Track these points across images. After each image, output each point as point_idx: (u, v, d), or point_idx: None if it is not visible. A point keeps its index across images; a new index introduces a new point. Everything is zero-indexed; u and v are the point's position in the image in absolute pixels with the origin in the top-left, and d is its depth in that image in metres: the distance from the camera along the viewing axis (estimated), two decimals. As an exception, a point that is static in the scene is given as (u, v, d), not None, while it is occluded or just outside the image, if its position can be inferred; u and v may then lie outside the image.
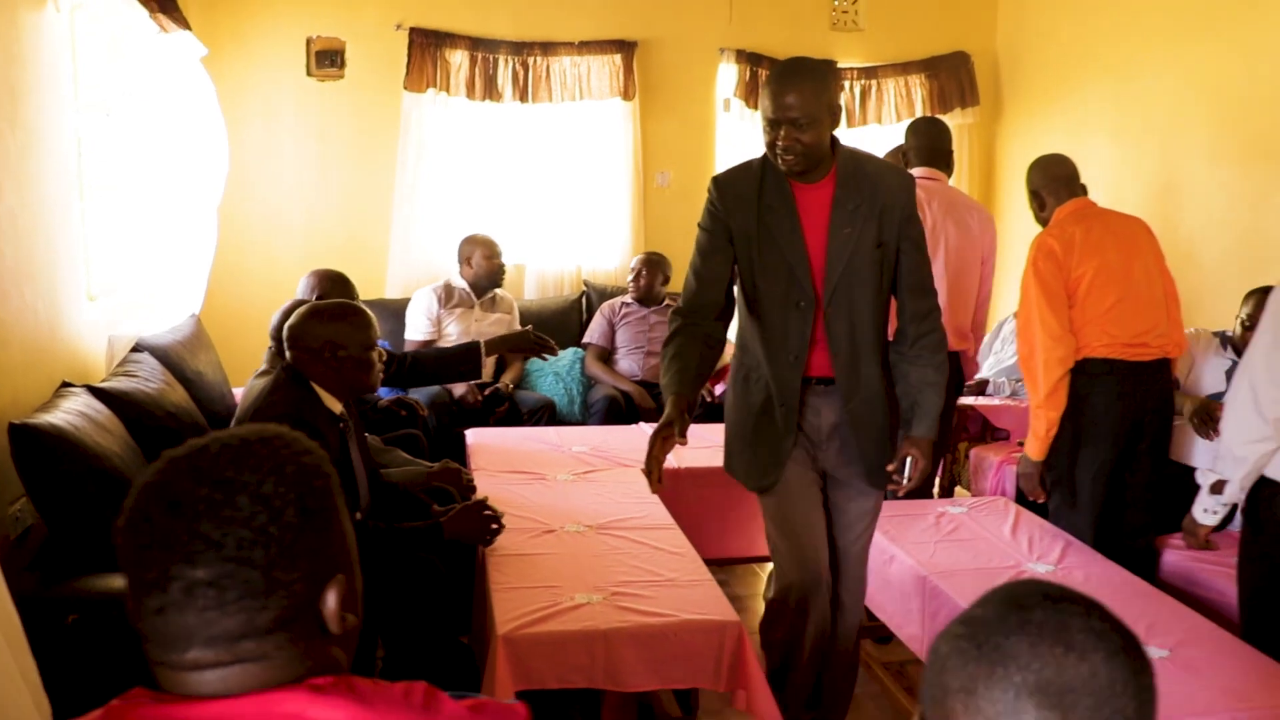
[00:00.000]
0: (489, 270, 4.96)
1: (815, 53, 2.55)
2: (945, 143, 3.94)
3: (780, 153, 2.39)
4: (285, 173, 5.37)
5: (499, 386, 4.69)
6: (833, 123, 2.42)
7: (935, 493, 4.24)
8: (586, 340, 5.15)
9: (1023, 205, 3.50)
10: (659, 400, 2.40)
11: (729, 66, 5.71)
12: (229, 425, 3.16)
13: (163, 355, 3.70)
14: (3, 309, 2.87)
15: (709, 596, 2.54)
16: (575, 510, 3.11)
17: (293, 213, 5.38)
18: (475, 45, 5.43)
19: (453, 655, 2.75)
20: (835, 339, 2.50)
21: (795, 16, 5.80)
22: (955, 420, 4.22)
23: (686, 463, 3.59)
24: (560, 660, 2.32)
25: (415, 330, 4.90)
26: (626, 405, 4.78)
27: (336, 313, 2.74)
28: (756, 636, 2.63)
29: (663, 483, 2.36)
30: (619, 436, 4.03)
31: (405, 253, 5.45)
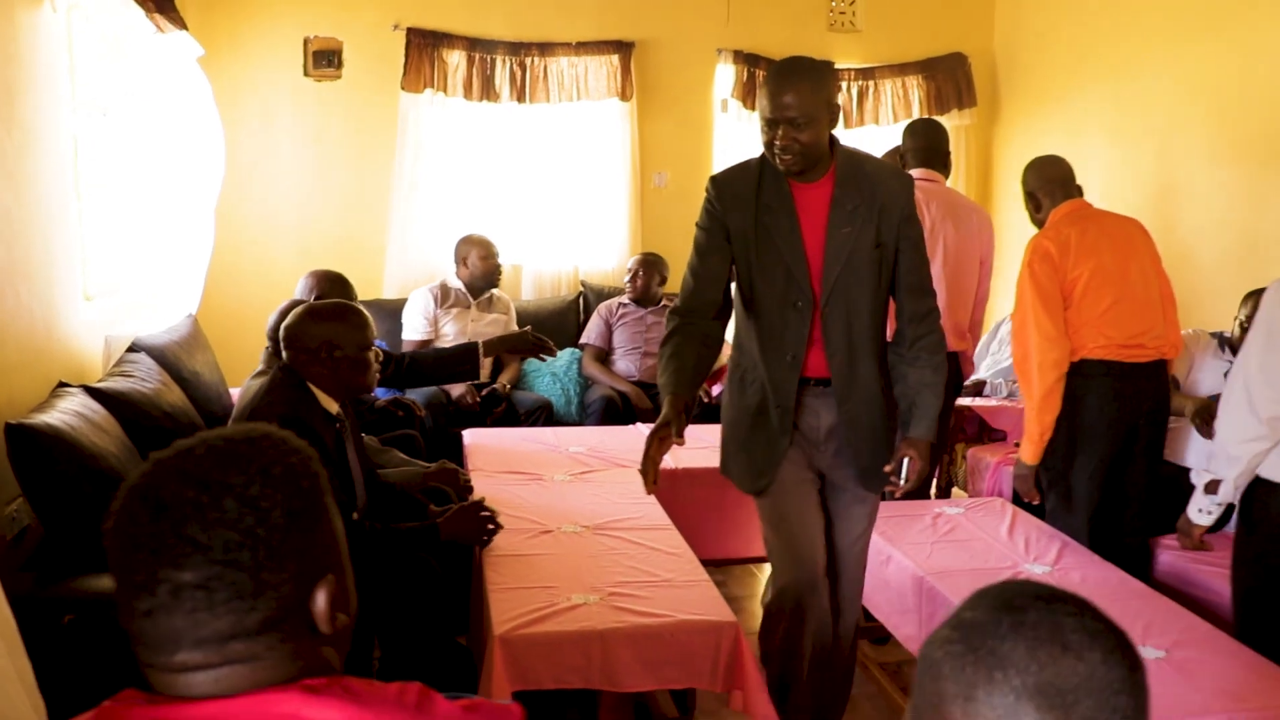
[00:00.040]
0: (485, 271, 4.95)
1: (812, 53, 2.53)
2: (943, 144, 3.95)
3: (778, 152, 2.38)
4: (282, 173, 5.36)
5: (496, 387, 4.69)
6: (831, 122, 2.40)
7: (933, 494, 4.24)
8: (584, 341, 5.15)
9: (1020, 206, 3.50)
10: (656, 401, 2.38)
11: (726, 67, 5.71)
12: (225, 425, 3.16)
13: (159, 355, 3.70)
14: (-1, 309, 2.87)
15: (705, 597, 2.54)
16: (572, 511, 3.11)
17: (290, 213, 5.38)
18: (473, 45, 5.43)
19: (450, 656, 2.75)
20: (832, 339, 2.48)
21: (793, 17, 5.80)
22: (952, 421, 4.22)
23: (684, 463, 3.58)
24: (557, 661, 2.32)
25: (412, 330, 4.89)
26: (624, 406, 4.78)
27: (333, 313, 2.74)
28: (753, 637, 2.62)
29: (658, 484, 2.34)
30: (616, 437, 4.04)
31: (402, 253, 5.45)
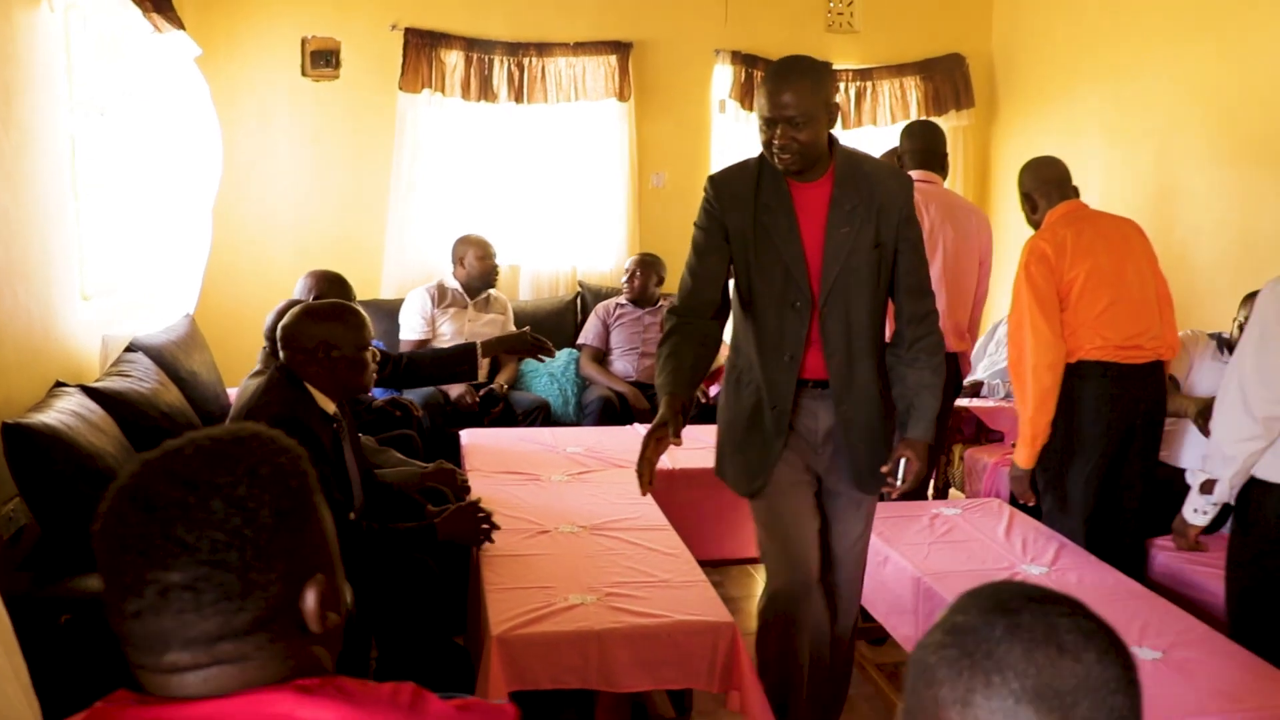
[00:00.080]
0: (482, 271, 4.95)
1: (810, 54, 2.53)
2: (940, 146, 3.95)
3: (777, 151, 2.36)
4: (280, 173, 5.35)
5: (494, 387, 4.69)
6: (830, 121, 2.39)
7: (930, 495, 4.24)
8: (581, 341, 5.15)
9: (1017, 207, 3.50)
10: (654, 401, 2.37)
11: (724, 68, 5.71)
12: (223, 425, 3.16)
13: (157, 355, 3.70)
14: (-4, 309, 2.87)
15: (703, 597, 2.54)
16: (569, 511, 3.11)
17: (287, 213, 5.37)
18: (470, 46, 5.43)
19: (447, 656, 2.75)
20: (831, 340, 2.46)
21: (790, 18, 5.80)
22: (950, 422, 4.22)
23: (681, 464, 3.59)
24: (554, 661, 2.32)
25: (410, 330, 4.89)
26: (621, 406, 4.78)
27: (331, 313, 2.74)
28: (750, 638, 2.62)
29: (653, 485, 2.32)
30: (613, 437, 4.03)
31: (400, 253, 5.44)
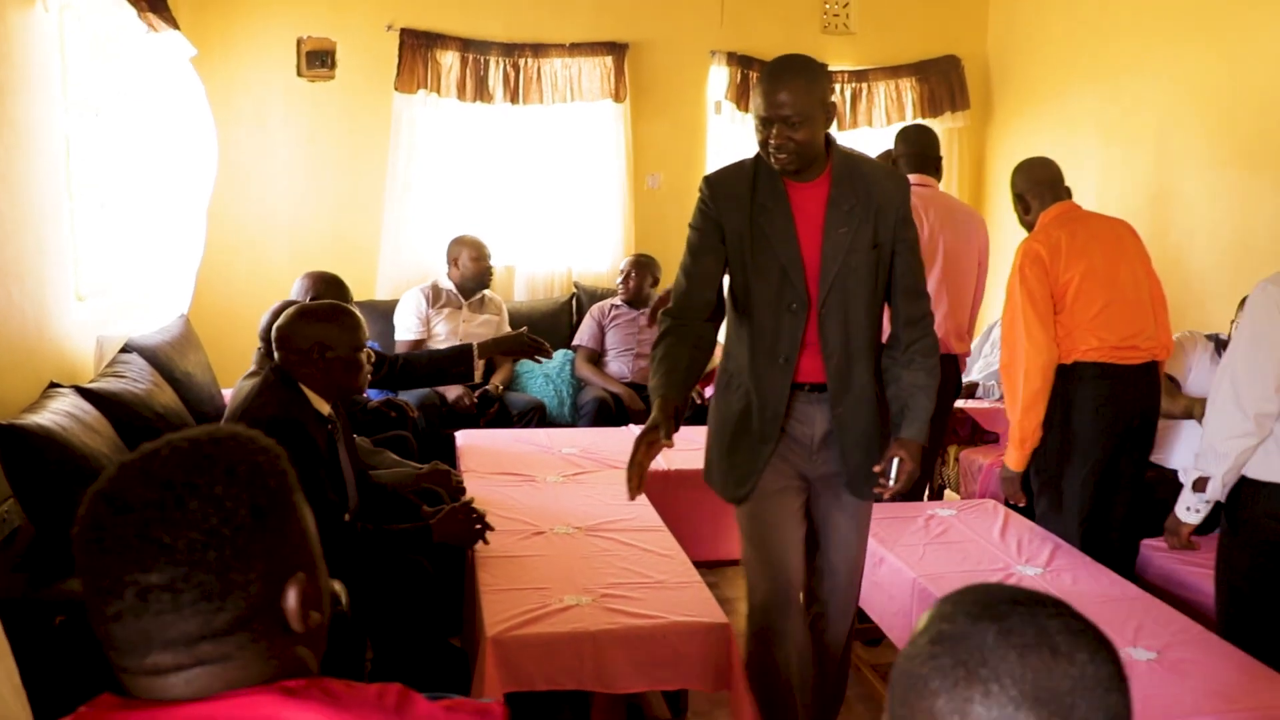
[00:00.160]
0: (476, 272, 4.95)
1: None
2: (934, 149, 3.95)
3: (773, 151, 2.34)
4: (275, 173, 5.35)
5: (489, 388, 4.68)
6: (826, 121, 2.37)
7: (925, 498, 4.24)
8: (576, 342, 5.15)
9: (1012, 208, 3.50)
10: (649, 402, 2.36)
11: (720, 69, 5.72)
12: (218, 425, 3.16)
13: (151, 356, 3.69)
14: (-10, 309, 2.86)
15: (698, 598, 2.54)
16: (565, 512, 3.11)
17: (282, 214, 5.37)
18: (466, 46, 5.43)
19: (442, 657, 2.75)
20: (829, 342, 2.43)
21: (786, 19, 5.80)
22: (949, 423, 4.21)
23: (676, 465, 3.59)
24: (549, 662, 2.32)
25: (405, 330, 4.89)
26: (616, 407, 4.78)
27: (325, 314, 2.73)
28: (746, 639, 2.62)
29: (641, 490, 2.28)
30: (609, 438, 4.03)
31: (396, 254, 5.44)
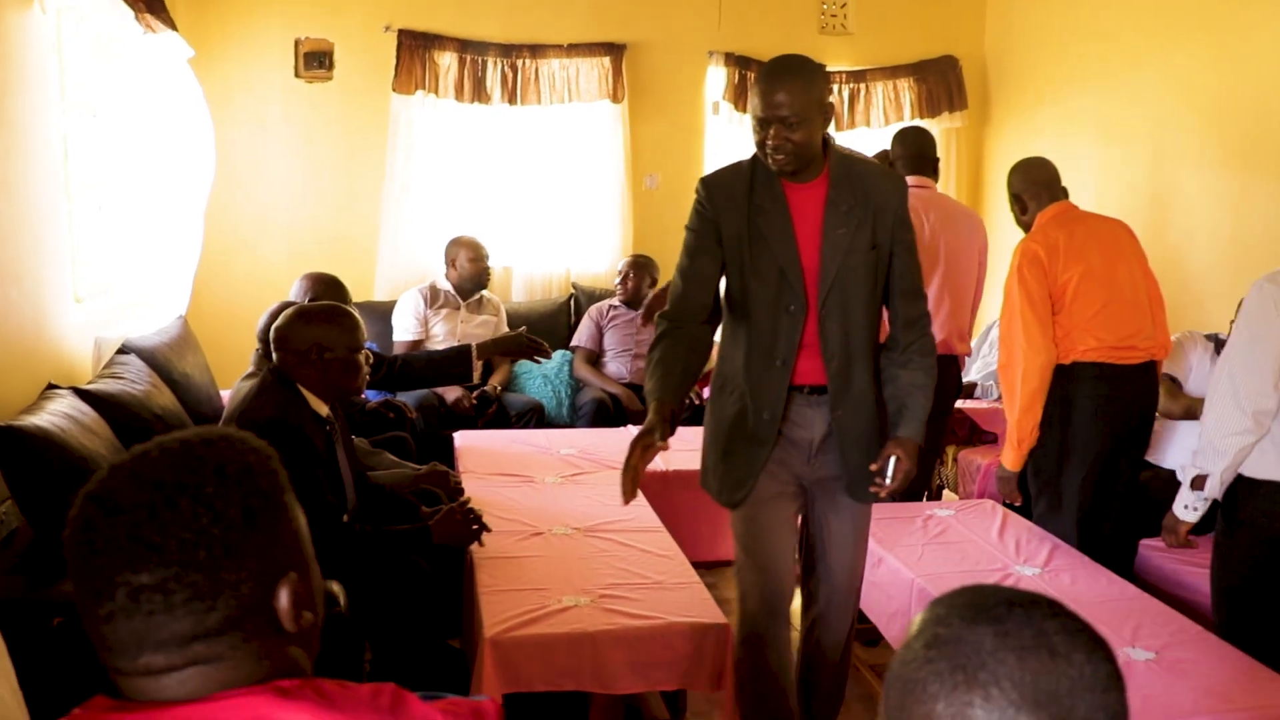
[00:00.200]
0: (474, 273, 4.95)
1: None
2: (931, 150, 3.94)
3: (771, 152, 2.32)
4: (273, 174, 5.35)
5: (487, 389, 4.68)
6: (824, 121, 2.36)
7: (925, 498, 4.24)
8: (575, 343, 5.15)
9: (1009, 209, 3.51)
10: (647, 403, 2.36)
11: (718, 69, 5.72)
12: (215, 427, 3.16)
13: (149, 357, 3.69)
14: (-12, 310, 2.86)
15: (696, 599, 2.54)
16: (563, 513, 3.11)
17: (280, 214, 5.36)
18: (464, 47, 5.42)
19: (441, 658, 2.75)
20: (829, 344, 2.41)
21: (784, 20, 5.81)
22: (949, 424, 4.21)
23: (674, 465, 3.59)
24: (548, 663, 2.32)
25: (403, 331, 4.89)
26: (614, 408, 4.78)
27: (323, 315, 2.73)
28: (735, 645, 2.60)
29: (635, 495, 2.26)
30: (607, 439, 4.04)
31: (394, 255, 5.43)
